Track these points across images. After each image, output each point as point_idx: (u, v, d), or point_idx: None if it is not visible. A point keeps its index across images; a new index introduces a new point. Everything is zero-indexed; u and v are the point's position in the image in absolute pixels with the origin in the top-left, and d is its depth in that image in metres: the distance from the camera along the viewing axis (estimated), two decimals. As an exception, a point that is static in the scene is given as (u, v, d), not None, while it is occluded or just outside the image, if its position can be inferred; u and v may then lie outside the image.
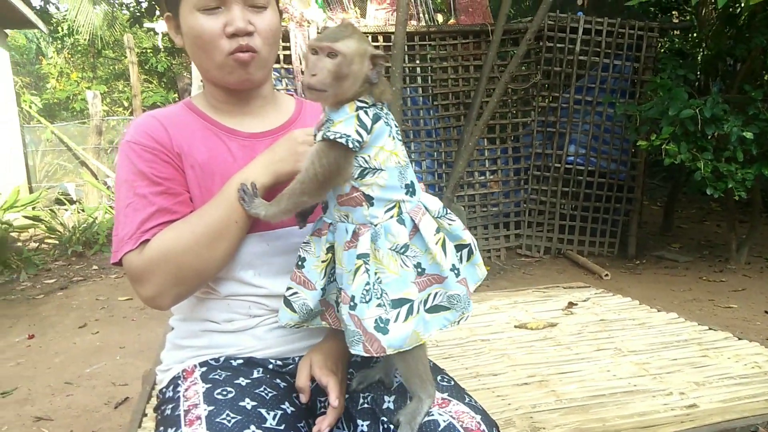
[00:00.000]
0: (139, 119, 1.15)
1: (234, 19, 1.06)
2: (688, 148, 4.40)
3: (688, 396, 1.67)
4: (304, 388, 1.08)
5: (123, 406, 2.88)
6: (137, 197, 1.06)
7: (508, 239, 5.74)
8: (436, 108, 5.58)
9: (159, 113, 1.16)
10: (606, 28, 5.38)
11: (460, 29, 5.51)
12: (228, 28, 1.06)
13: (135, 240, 1.04)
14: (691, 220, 7.18)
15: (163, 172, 1.08)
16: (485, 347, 2.10)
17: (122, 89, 15.11)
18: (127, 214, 1.06)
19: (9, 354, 3.65)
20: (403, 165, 0.99)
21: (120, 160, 1.11)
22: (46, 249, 6.45)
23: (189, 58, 7.38)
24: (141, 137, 1.10)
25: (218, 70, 1.11)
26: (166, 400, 1.11)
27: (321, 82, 0.90)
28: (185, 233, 1.03)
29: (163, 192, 1.07)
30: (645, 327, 2.23)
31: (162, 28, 5.55)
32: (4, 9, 7.85)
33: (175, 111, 1.18)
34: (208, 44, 1.08)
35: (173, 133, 1.12)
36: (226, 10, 1.07)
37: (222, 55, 1.08)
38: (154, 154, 1.09)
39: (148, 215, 1.05)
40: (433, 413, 1.00)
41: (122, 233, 1.05)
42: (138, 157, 1.08)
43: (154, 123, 1.13)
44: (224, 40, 1.07)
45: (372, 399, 1.08)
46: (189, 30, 1.09)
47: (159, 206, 1.06)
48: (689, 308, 4.07)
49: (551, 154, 5.63)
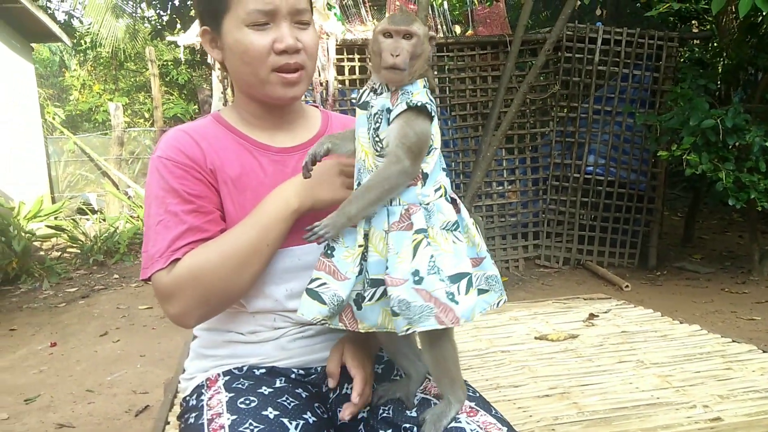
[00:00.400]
0: (170, 134, 1.14)
1: (284, 36, 1.06)
2: (710, 158, 4.36)
3: (712, 409, 1.64)
4: (335, 373, 1.08)
5: (143, 414, 2.91)
6: (168, 214, 1.05)
7: (526, 250, 5.71)
8: (454, 119, 5.59)
9: (190, 127, 1.15)
10: (625, 38, 5.36)
11: (478, 40, 5.53)
12: (278, 44, 1.06)
13: (165, 258, 1.04)
14: (712, 231, 7.09)
15: (194, 189, 1.08)
16: (505, 358, 2.08)
17: (143, 101, 15.34)
18: (158, 231, 1.06)
19: (32, 361, 3.71)
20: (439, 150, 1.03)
21: (151, 174, 1.10)
22: (68, 258, 6.55)
23: (209, 71, 7.46)
24: (173, 153, 1.09)
25: (262, 86, 1.10)
26: (190, 409, 1.12)
27: (403, 62, 0.94)
28: (215, 255, 1.03)
29: (195, 210, 1.06)
30: (667, 339, 2.20)
31: (184, 41, 5.63)
32: (31, 23, 8.04)
33: (206, 124, 1.17)
34: (256, 60, 1.07)
35: (206, 147, 1.11)
36: (274, 26, 1.07)
37: (267, 70, 1.08)
38: (185, 170, 1.08)
39: (180, 233, 1.05)
40: (461, 420, 0.99)
41: (152, 250, 1.05)
42: (170, 173, 1.07)
43: (186, 138, 1.12)
44: (272, 57, 1.07)
45: (393, 410, 1.08)
46: (235, 44, 1.08)
47: (190, 225, 1.05)
48: (711, 320, 4.02)
49: (570, 164, 5.61)
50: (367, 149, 0.98)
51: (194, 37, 5.38)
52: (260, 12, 1.05)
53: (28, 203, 6.65)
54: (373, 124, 0.97)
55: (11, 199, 6.60)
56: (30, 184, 7.88)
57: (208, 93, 7.47)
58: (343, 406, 1.06)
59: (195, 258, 1.03)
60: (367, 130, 0.98)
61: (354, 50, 5.36)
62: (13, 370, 3.57)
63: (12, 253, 5.60)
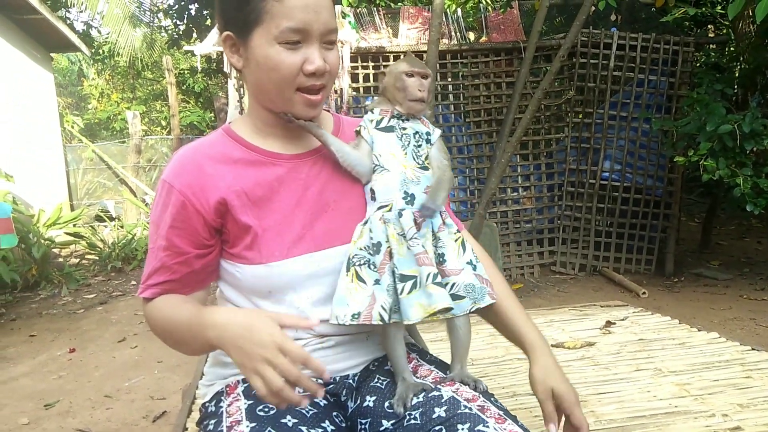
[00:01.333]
0: (179, 155, 1.14)
1: (315, 58, 1.05)
2: (727, 163, 4.33)
3: (732, 418, 1.63)
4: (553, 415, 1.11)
5: (161, 420, 2.94)
6: (154, 245, 1.12)
7: (541, 256, 5.68)
8: (468, 125, 5.60)
9: (202, 147, 1.15)
10: (640, 44, 5.34)
11: (492, 47, 5.53)
12: (308, 66, 1.05)
13: (141, 290, 1.13)
14: (730, 237, 7.01)
15: (181, 225, 1.09)
16: (522, 366, 2.08)
17: (160, 109, 15.52)
18: (147, 259, 1.14)
19: (51, 367, 3.76)
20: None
21: (156, 196, 1.13)
22: (86, 265, 6.63)
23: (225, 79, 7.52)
24: (176, 180, 1.10)
25: (283, 104, 1.10)
26: (209, 415, 1.13)
27: (427, 96, 1.17)
28: (163, 322, 1.11)
29: (168, 248, 1.10)
30: (685, 347, 2.18)
31: (200, 50, 5.69)
32: (51, 34, 8.16)
33: (217, 140, 1.17)
34: (284, 79, 1.06)
35: (212, 172, 1.11)
36: (304, 46, 1.05)
37: (292, 90, 1.08)
38: (181, 203, 1.09)
39: (153, 270, 1.12)
40: (489, 425, 1.00)
41: (143, 274, 1.14)
42: (166, 200, 1.10)
43: (191, 165, 1.11)
44: (300, 77, 1.06)
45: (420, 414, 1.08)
46: (264, 60, 1.06)
47: (162, 263, 1.11)
48: (730, 327, 3.97)
49: (585, 170, 5.58)
50: (406, 163, 1.15)
51: (210, 47, 5.44)
52: (294, 30, 1.03)
53: (48, 210, 6.74)
54: (414, 142, 1.17)
55: (31, 207, 6.69)
56: (49, 192, 7.98)
57: (224, 101, 7.54)
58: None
59: (155, 311, 1.12)
60: (402, 148, 1.16)
61: (368, 58, 5.39)
62: (33, 376, 3.62)
63: (32, 260, 5.68)
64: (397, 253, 1.08)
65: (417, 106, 1.17)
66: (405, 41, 5.53)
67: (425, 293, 1.06)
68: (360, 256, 1.10)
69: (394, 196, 1.12)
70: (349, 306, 1.07)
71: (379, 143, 1.16)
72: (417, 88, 1.16)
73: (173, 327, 1.09)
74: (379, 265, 1.09)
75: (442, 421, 1.05)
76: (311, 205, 1.13)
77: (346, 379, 1.18)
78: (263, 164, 1.14)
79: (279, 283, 1.11)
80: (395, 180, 1.13)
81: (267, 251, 1.10)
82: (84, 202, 10.49)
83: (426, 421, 1.05)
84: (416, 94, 1.16)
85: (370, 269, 1.09)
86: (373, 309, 1.06)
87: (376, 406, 1.14)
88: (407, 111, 1.17)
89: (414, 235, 1.09)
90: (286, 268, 1.10)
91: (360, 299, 1.07)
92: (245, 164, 1.13)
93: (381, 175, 1.14)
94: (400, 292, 1.07)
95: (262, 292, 1.12)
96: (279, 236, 1.10)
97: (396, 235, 1.09)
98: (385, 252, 1.09)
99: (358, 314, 1.06)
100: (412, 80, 1.16)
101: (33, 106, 8.08)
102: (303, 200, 1.13)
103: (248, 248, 1.10)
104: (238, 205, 1.10)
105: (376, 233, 1.10)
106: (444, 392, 1.11)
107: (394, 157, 1.15)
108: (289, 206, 1.12)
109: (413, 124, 1.19)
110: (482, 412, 1.04)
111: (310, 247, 1.11)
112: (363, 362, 1.20)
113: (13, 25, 7.48)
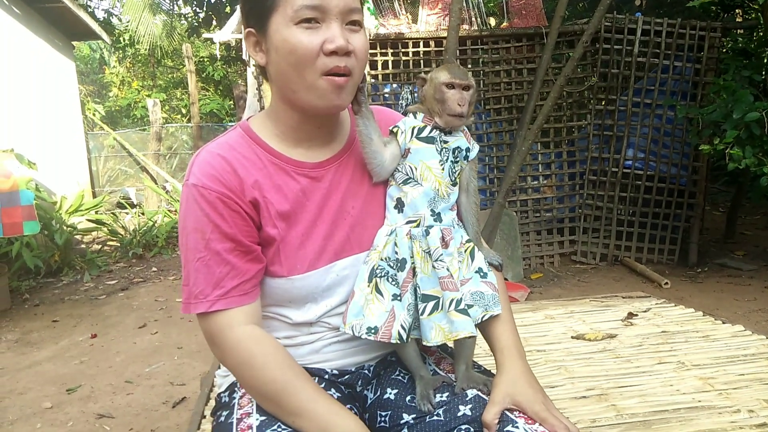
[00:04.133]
0: (204, 157, 1.06)
1: (335, 36, 0.99)
2: (754, 152, 4.22)
3: (758, 414, 1.59)
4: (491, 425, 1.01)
5: (180, 406, 2.96)
6: (209, 252, 1.02)
7: (562, 245, 5.62)
8: (489, 112, 5.53)
9: (224, 149, 1.07)
10: (665, 29, 5.22)
11: (514, 32, 5.45)
12: (328, 44, 0.99)
13: (210, 303, 1.02)
14: (755, 227, 6.87)
15: (234, 224, 1.02)
16: (541, 358, 2.06)
17: (180, 97, 15.60)
18: (198, 269, 1.02)
19: (73, 352, 3.81)
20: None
21: (187, 204, 1.03)
22: (108, 251, 6.71)
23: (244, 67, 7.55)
24: (209, 181, 1.02)
25: (307, 92, 1.02)
26: (222, 406, 1.13)
27: (467, 111, 1.10)
28: (266, 374, 1.01)
29: (236, 249, 1.02)
30: (709, 340, 2.14)
31: (219, 38, 5.68)
32: (72, 22, 8.21)
33: (238, 142, 1.09)
34: (304, 61, 0.99)
35: (244, 175, 1.05)
36: (324, 26, 0.99)
37: (316, 74, 1.00)
38: (224, 201, 1.02)
39: (222, 275, 1.02)
40: (518, 425, 0.99)
41: (194, 289, 1.02)
42: (208, 204, 1.01)
43: (222, 164, 1.04)
44: (321, 58, 0.99)
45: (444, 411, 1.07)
46: (282, 44, 1.00)
47: (233, 265, 1.02)
48: (754, 319, 3.90)
49: (608, 159, 5.50)
50: (441, 179, 1.10)
51: (230, 34, 5.43)
52: (309, 7, 0.98)
53: (70, 198, 6.82)
54: (452, 158, 1.12)
55: (54, 194, 6.77)
56: (72, 179, 8.07)
57: (243, 89, 7.55)
58: None
59: (249, 342, 1.02)
60: (440, 162, 1.10)
61: (387, 45, 5.34)
62: (56, 361, 3.67)
63: (54, 246, 5.76)
64: (421, 271, 1.06)
65: (456, 121, 1.10)
66: (425, 27, 5.46)
67: (447, 319, 1.04)
68: (382, 268, 1.08)
69: (423, 211, 1.09)
70: (366, 318, 1.05)
71: (417, 154, 1.10)
72: (457, 102, 1.08)
73: (287, 393, 1.00)
74: (402, 282, 1.07)
75: (468, 420, 1.04)
76: (332, 215, 1.10)
77: (361, 369, 1.17)
78: (288, 174, 1.08)
79: (299, 295, 1.09)
80: (427, 196, 1.09)
81: (289, 265, 1.07)
82: (106, 189, 10.61)
83: (450, 418, 1.04)
84: (456, 109, 1.09)
85: (389, 282, 1.08)
86: (392, 328, 1.05)
87: (397, 399, 1.13)
88: (446, 125, 1.11)
89: (440, 257, 1.06)
90: (308, 282, 1.08)
91: (377, 313, 1.06)
92: (271, 173, 1.07)
93: (413, 188, 1.10)
94: (421, 313, 1.05)
95: (280, 300, 1.11)
96: (302, 249, 1.08)
97: (421, 252, 1.07)
98: (409, 270, 1.07)
99: (375, 329, 1.05)
100: (452, 92, 1.09)
101: (55, 94, 8.15)
102: (325, 210, 1.10)
103: (271, 260, 1.07)
104: (266, 216, 1.06)
105: (402, 248, 1.07)
106: (468, 390, 1.09)
107: (430, 171, 1.10)
108: (312, 218, 1.09)
109: (455, 138, 1.13)
110: (510, 411, 1.02)
111: (330, 257, 1.09)
112: (379, 355, 1.19)
113: (34, 13, 7.54)
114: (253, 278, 1.04)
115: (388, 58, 5.35)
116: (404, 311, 1.06)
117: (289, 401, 0.99)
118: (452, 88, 1.09)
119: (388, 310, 1.06)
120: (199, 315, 1.03)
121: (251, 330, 1.02)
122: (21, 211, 4.40)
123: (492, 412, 1.01)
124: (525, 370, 1.09)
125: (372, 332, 1.04)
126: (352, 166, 1.14)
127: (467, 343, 1.13)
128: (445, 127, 1.11)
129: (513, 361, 1.09)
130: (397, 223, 1.10)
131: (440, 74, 1.10)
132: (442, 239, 1.07)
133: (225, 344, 1.02)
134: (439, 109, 1.10)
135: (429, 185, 1.09)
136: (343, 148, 1.15)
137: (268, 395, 1.02)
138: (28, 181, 4.60)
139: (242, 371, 1.03)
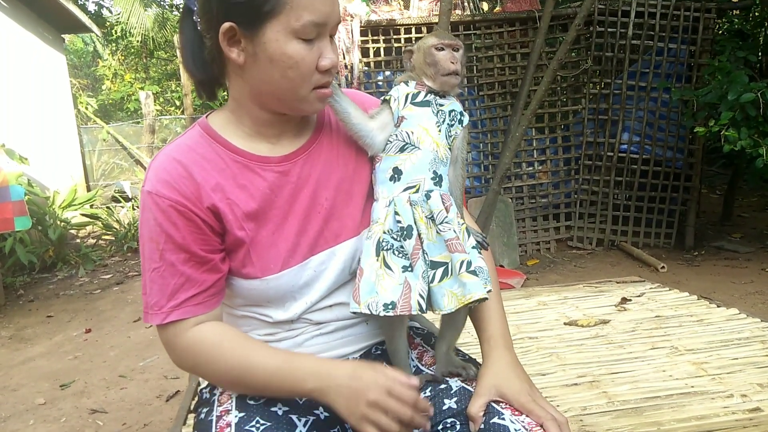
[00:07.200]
0: (160, 161, 1.01)
1: (329, 52, 0.99)
2: (749, 133, 4.19)
3: (751, 399, 1.57)
4: (477, 418, 0.99)
5: (174, 400, 2.95)
6: (164, 263, 0.99)
7: (558, 231, 5.60)
8: (482, 98, 5.49)
9: (182, 152, 1.02)
10: (660, 11, 5.17)
11: (506, 17, 5.40)
12: (323, 61, 0.98)
13: (164, 315, 0.99)
14: (752, 209, 6.86)
15: (188, 234, 0.99)
16: (533, 345, 2.04)
17: (174, 89, 15.48)
18: (153, 279, 1.00)
19: (68, 347, 3.79)
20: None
21: (142, 213, 1.00)
22: (102, 245, 6.68)
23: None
24: (164, 188, 0.98)
25: (296, 103, 1.01)
26: (203, 402, 1.11)
27: (460, 68, 1.11)
28: (230, 363, 1.00)
29: (190, 259, 0.99)
30: (703, 324, 2.12)
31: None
32: (61, 14, 8.14)
33: (197, 142, 1.04)
34: (301, 76, 0.97)
35: (202, 179, 1.00)
36: (317, 41, 0.97)
37: (309, 89, 0.99)
38: (178, 210, 0.98)
39: (176, 287, 0.99)
40: (504, 417, 0.97)
41: (150, 300, 1.00)
42: (162, 212, 0.98)
43: (177, 170, 1.00)
44: (316, 75, 0.99)
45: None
46: (281, 57, 0.96)
47: (187, 276, 0.99)
48: (751, 301, 3.89)
49: (603, 143, 5.47)
50: (439, 141, 1.09)
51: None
52: (315, 24, 0.95)
53: (63, 192, 6.78)
54: (448, 120, 1.11)
55: (47, 189, 6.74)
56: (65, 174, 8.02)
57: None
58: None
59: (200, 344, 1.00)
60: (437, 124, 1.10)
61: (378, 31, 5.29)
62: (50, 356, 3.66)
63: (48, 242, 5.73)
64: (426, 238, 1.03)
65: (451, 80, 1.10)
66: (417, 13, 5.41)
67: (458, 282, 1.01)
68: (387, 241, 1.03)
69: (422, 176, 1.06)
70: (379, 294, 1.00)
71: (413, 119, 1.09)
72: (449, 61, 1.09)
73: (244, 370, 1.00)
74: (411, 251, 1.02)
75: (453, 413, 1.02)
76: (304, 209, 1.06)
77: (344, 362, 1.14)
78: (253, 171, 1.04)
79: (276, 295, 1.05)
80: (426, 158, 1.07)
81: (262, 265, 1.03)
82: (100, 183, 10.56)
83: (436, 412, 1.02)
84: (449, 67, 1.09)
85: (396, 255, 1.03)
86: (410, 299, 1.00)
87: None
88: (441, 87, 1.10)
89: (444, 219, 1.03)
90: (283, 281, 1.04)
91: (390, 287, 1.01)
92: (234, 172, 1.03)
93: (411, 153, 1.07)
94: (431, 280, 1.02)
95: (258, 301, 1.07)
96: (273, 248, 1.04)
97: (424, 218, 1.04)
98: (416, 236, 1.03)
99: (392, 304, 0.99)
100: (443, 53, 1.10)
101: (46, 88, 8.10)
102: (296, 205, 1.06)
103: (242, 262, 1.04)
104: (232, 219, 1.02)
105: (404, 216, 1.03)
106: (452, 382, 1.07)
107: (427, 133, 1.08)
108: (283, 215, 1.05)
109: (450, 102, 1.13)
110: (497, 403, 1.01)
111: (305, 254, 1.05)
112: (363, 347, 1.16)
113: (23, 6, 7.46)
114: (210, 288, 1.01)
115: (380, 45, 5.30)
116: (419, 280, 1.01)
117: (253, 381, 1.01)
118: (442, 50, 1.10)
119: (402, 283, 1.01)
120: (157, 327, 1.01)
121: (198, 330, 1.01)
122: (11, 207, 4.36)
123: (477, 404, 0.99)
124: (511, 361, 1.06)
125: (390, 308, 0.99)
126: (323, 156, 1.10)
127: (455, 323, 1.11)
128: (440, 90, 1.11)
129: (499, 352, 1.07)
130: (394, 193, 1.06)
131: (429, 39, 1.12)
132: (442, 203, 1.05)
133: (176, 350, 1.02)
134: (432, 72, 1.10)
135: (427, 147, 1.08)
136: (311, 139, 1.10)
137: (233, 383, 1.03)
138: (19, 176, 4.56)
139: (199, 371, 1.04)
